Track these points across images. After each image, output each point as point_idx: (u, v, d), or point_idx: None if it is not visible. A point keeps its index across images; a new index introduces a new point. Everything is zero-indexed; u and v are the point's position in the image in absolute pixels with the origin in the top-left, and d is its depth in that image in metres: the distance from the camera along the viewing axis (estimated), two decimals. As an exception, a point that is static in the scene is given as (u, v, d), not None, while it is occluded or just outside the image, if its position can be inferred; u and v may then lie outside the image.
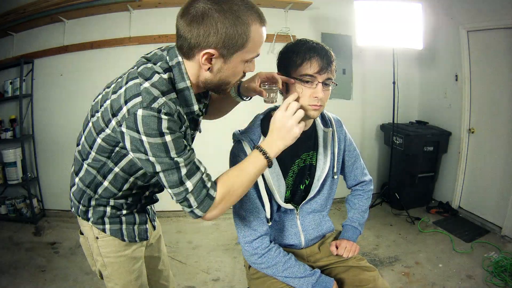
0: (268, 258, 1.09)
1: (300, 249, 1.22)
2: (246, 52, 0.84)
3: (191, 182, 0.84)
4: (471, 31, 2.98)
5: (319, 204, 1.20)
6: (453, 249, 2.53)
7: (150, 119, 0.77)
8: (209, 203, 0.86)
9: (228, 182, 0.89)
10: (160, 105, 0.78)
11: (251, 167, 0.90)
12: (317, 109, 1.03)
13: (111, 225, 1.02)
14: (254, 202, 1.09)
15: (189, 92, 0.88)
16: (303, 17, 3.26)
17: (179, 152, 0.82)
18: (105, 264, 1.06)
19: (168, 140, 0.80)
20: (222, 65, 0.85)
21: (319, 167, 1.16)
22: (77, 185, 1.01)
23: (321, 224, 1.23)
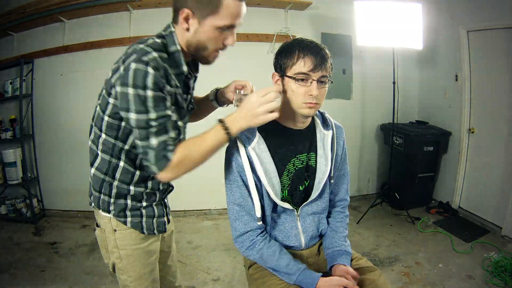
0: (254, 251, 1.11)
1: (300, 250, 1.22)
2: (219, 18, 0.90)
3: (156, 139, 0.90)
4: (471, 31, 2.98)
5: (321, 207, 1.20)
6: (453, 249, 2.53)
7: (139, 72, 0.85)
8: (165, 163, 0.91)
9: (186, 149, 0.93)
10: (149, 59, 0.86)
11: (211, 138, 0.95)
12: (313, 107, 1.03)
13: (132, 218, 1.06)
14: (246, 199, 1.09)
15: (179, 55, 0.96)
16: (303, 17, 3.26)
17: (157, 110, 0.88)
18: (121, 256, 1.08)
19: (149, 95, 0.86)
20: (197, 26, 0.93)
21: (320, 169, 1.15)
22: (95, 176, 1.05)
23: (321, 226, 1.23)
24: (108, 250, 1.11)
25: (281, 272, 1.10)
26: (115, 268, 1.11)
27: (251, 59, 3.10)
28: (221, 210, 3.29)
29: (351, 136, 3.51)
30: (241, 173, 1.08)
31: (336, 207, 1.28)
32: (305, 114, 1.06)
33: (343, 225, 1.27)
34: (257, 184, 1.10)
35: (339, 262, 1.15)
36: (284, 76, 1.05)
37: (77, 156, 3.19)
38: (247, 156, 1.06)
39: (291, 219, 1.17)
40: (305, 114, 1.06)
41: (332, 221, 1.27)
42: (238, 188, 1.09)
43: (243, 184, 1.09)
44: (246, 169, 1.07)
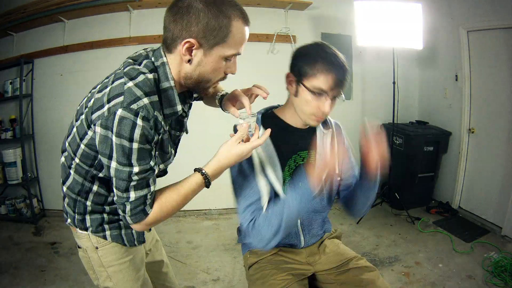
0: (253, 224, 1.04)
1: (300, 248, 1.22)
2: (227, 47, 0.84)
3: (135, 193, 0.85)
4: (471, 31, 2.98)
5: (321, 204, 1.20)
6: (453, 249, 2.53)
7: (126, 121, 0.78)
8: (142, 217, 0.88)
9: (163, 203, 0.90)
10: (139, 107, 0.78)
11: (188, 187, 0.91)
12: (319, 120, 1.07)
13: (111, 230, 1.01)
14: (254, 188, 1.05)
15: (173, 92, 0.88)
16: (303, 17, 3.26)
17: (140, 163, 0.82)
18: (109, 275, 1.03)
19: (134, 148, 0.80)
20: (202, 57, 0.85)
21: None
22: (68, 195, 0.99)
23: (321, 225, 1.23)
24: (95, 271, 1.05)
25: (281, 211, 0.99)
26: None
27: (251, 59, 3.09)
28: (221, 210, 3.29)
29: (351, 136, 3.48)
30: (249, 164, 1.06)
31: None
32: (311, 125, 1.09)
33: None
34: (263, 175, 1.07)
35: None
36: (301, 83, 1.02)
37: (77, 156, 3.20)
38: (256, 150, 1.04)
39: None
40: (310, 125, 1.09)
41: (345, 194, 1.23)
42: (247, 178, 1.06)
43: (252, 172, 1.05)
44: (254, 160, 1.05)
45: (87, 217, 0.99)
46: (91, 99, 0.87)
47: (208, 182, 0.93)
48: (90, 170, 0.92)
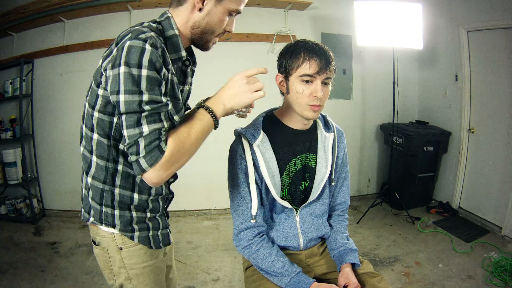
0: (250, 250, 1.12)
1: (299, 251, 1.22)
2: (233, 2, 0.90)
3: (148, 127, 0.78)
4: (471, 31, 2.98)
5: (320, 209, 1.20)
6: (453, 249, 2.53)
7: (135, 48, 0.76)
8: (158, 155, 0.78)
9: (178, 139, 0.82)
10: (147, 36, 0.78)
11: (198, 125, 0.85)
12: (317, 110, 1.05)
13: (140, 232, 0.96)
14: (245, 197, 1.11)
15: (177, 39, 0.90)
16: (303, 17, 3.26)
17: (150, 92, 0.78)
18: (130, 277, 0.98)
19: (144, 75, 0.77)
20: (213, 7, 0.90)
21: (320, 171, 1.16)
22: (93, 186, 0.92)
23: (320, 229, 1.22)
24: (113, 271, 0.99)
25: (274, 274, 1.09)
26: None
27: (251, 59, 3.10)
28: (221, 210, 3.29)
29: (351, 136, 3.51)
30: (243, 171, 1.10)
31: (336, 210, 1.28)
32: (309, 117, 1.07)
33: (343, 226, 1.27)
34: (258, 182, 1.11)
35: (347, 261, 1.14)
36: (289, 78, 1.06)
37: (77, 156, 3.18)
38: (251, 153, 1.08)
39: (290, 219, 1.17)
40: (308, 117, 1.07)
41: (333, 223, 1.27)
42: (239, 185, 1.11)
43: (244, 181, 1.10)
44: (249, 167, 1.08)
45: (116, 212, 0.93)
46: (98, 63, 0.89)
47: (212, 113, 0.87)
48: (110, 143, 0.88)
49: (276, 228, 1.18)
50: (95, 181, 0.92)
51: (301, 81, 1.03)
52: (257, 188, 1.11)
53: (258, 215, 1.12)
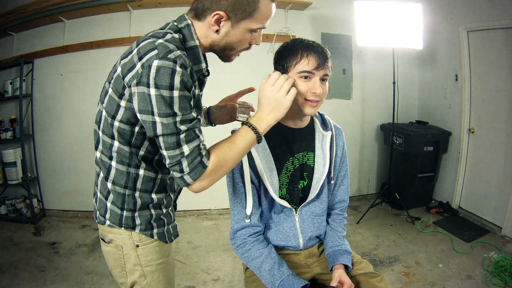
0: (242, 250, 1.13)
1: (298, 250, 1.22)
2: (253, 21, 0.88)
3: (188, 146, 0.82)
4: (471, 31, 2.98)
5: (320, 208, 1.20)
6: (453, 249, 2.53)
7: (165, 70, 0.77)
8: (201, 171, 0.84)
9: (220, 153, 0.87)
10: (176, 56, 0.79)
11: (241, 140, 0.90)
12: (315, 106, 1.05)
13: (158, 228, 0.99)
14: (241, 197, 1.12)
15: (198, 50, 0.91)
16: (303, 17, 3.26)
17: (183, 112, 0.81)
18: (145, 274, 0.99)
19: (176, 96, 0.78)
20: (230, 29, 0.89)
21: (318, 170, 1.16)
22: (114, 191, 0.94)
23: (320, 228, 1.22)
24: (125, 269, 0.99)
25: (263, 277, 1.09)
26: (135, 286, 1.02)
27: (251, 59, 3.09)
28: (221, 210, 3.29)
29: (351, 136, 3.51)
30: (239, 170, 1.10)
31: (335, 209, 1.28)
32: (307, 113, 1.07)
33: (341, 225, 1.27)
34: (255, 182, 1.11)
35: (341, 262, 1.14)
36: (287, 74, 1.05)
37: (77, 156, 3.19)
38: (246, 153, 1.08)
39: (290, 219, 1.17)
40: (307, 113, 1.07)
41: (331, 222, 1.27)
42: (235, 185, 1.12)
43: (239, 181, 1.11)
44: (244, 167, 1.09)
45: (137, 214, 0.95)
46: (116, 70, 0.87)
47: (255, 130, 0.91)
48: (131, 150, 0.90)
49: (276, 228, 1.18)
50: (115, 186, 0.93)
51: (300, 78, 1.03)
52: (254, 188, 1.11)
53: (254, 215, 1.12)
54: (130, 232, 0.96)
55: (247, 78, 2.98)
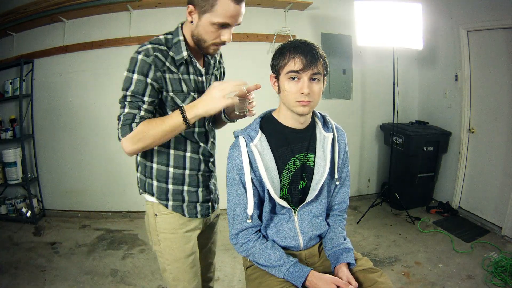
0: (247, 246, 1.14)
1: (299, 251, 1.22)
2: (214, 16, 1.02)
3: (128, 109, 1.05)
4: (471, 31, 2.98)
5: (318, 209, 1.20)
6: (453, 249, 2.53)
7: (132, 60, 1.05)
8: (126, 131, 1.04)
9: (146, 126, 1.04)
10: (142, 49, 1.04)
11: (169, 121, 1.05)
12: (306, 105, 1.06)
13: (174, 201, 1.18)
14: (242, 198, 1.12)
15: (180, 44, 1.10)
16: (303, 17, 3.26)
17: (134, 89, 1.04)
18: (160, 239, 1.19)
19: (134, 78, 1.03)
20: (198, 21, 1.05)
21: (318, 171, 1.16)
22: (141, 163, 1.19)
23: (320, 228, 1.22)
24: (150, 233, 1.22)
25: (271, 266, 1.11)
26: (155, 252, 1.22)
27: (251, 59, 3.10)
28: (221, 210, 3.27)
29: (351, 136, 3.51)
30: (239, 171, 1.11)
31: (334, 210, 1.28)
32: (299, 113, 1.08)
33: (341, 225, 1.27)
34: (255, 182, 1.11)
35: (342, 261, 1.14)
36: (279, 77, 1.09)
37: (77, 156, 3.20)
38: (247, 153, 1.09)
39: (289, 219, 1.18)
40: (299, 113, 1.08)
41: (330, 222, 1.27)
42: (236, 186, 1.12)
43: (240, 182, 1.11)
44: (245, 167, 1.09)
45: (154, 183, 1.17)
46: None
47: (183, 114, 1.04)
48: None
49: (276, 229, 1.18)
50: (140, 158, 1.20)
51: (288, 78, 1.05)
52: (255, 188, 1.12)
53: (254, 215, 1.13)
54: (152, 202, 1.18)
55: (247, 79, 2.99)
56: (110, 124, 3.05)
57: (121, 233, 2.89)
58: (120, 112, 1.06)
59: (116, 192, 3.21)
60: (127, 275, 2.23)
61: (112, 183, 3.20)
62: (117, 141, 1.08)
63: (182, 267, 1.20)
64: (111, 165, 3.15)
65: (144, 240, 2.75)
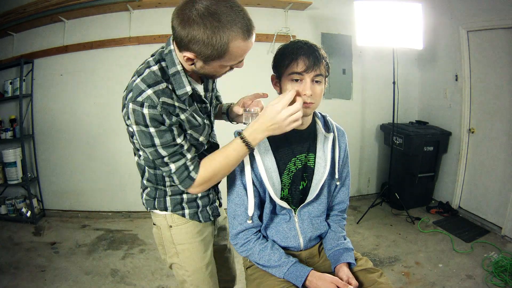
0: (247, 247, 1.14)
1: (299, 251, 1.22)
2: (225, 61, 0.90)
3: (174, 165, 0.98)
4: (471, 31, 2.98)
5: (318, 209, 1.20)
6: (453, 249, 2.53)
7: (137, 112, 0.91)
8: (189, 183, 1.00)
9: (210, 167, 1.00)
10: (143, 99, 0.90)
11: (234, 154, 1.00)
12: (308, 107, 1.06)
13: (190, 209, 1.14)
14: (243, 199, 1.12)
15: (179, 75, 0.96)
16: (303, 17, 3.26)
17: (163, 142, 0.94)
18: (178, 252, 1.15)
19: (152, 131, 0.93)
20: (203, 65, 0.92)
21: (318, 171, 1.16)
22: (149, 187, 1.15)
23: (320, 228, 1.23)
24: (164, 247, 1.17)
25: (271, 266, 1.11)
26: (172, 265, 1.18)
27: (251, 59, 3.08)
28: (221, 210, 3.28)
29: (351, 136, 3.51)
30: (240, 172, 1.11)
31: (334, 210, 1.28)
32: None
33: (341, 225, 1.27)
34: (256, 183, 1.11)
35: (343, 260, 1.14)
36: (281, 78, 1.08)
37: (77, 156, 3.20)
38: (248, 154, 1.08)
39: (289, 220, 1.18)
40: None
41: (330, 223, 1.27)
42: (237, 187, 1.12)
43: (241, 183, 1.12)
44: (246, 168, 1.09)
45: (168, 198, 1.13)
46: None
47: (247, 143, 0.98)
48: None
49: (276, 229, 1.18)
50: (149, 183, 1.14)
51: (291, 80, 1.05)
52: (256, 189, 1.12)
53: (255, 216, 1.14)
54: (165, 214, 1.13)
55: (247, 79, 2.99)
56: (110, 124, 3.07)
57: (121, 233, 2.89)
58: (165, 170, 0.99)
59: (116, 192, 3.21)
60: (127, 275, 2.23)
61: (112, 183, 3.20)
62: (117, 141, 1.08)
63: (203, 277, 1.18)
64: (111, 165, 3.15)
65: (144, 240, 2.75)
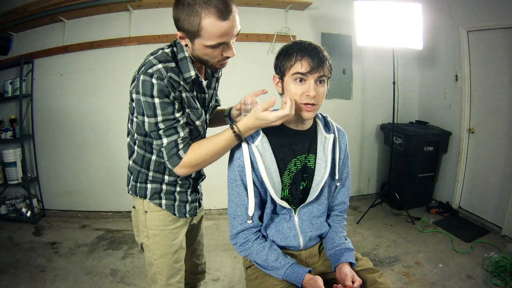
0: (246, 246, 1.14)
1: (299, 251, 1.22)
2: (205, 40, 0.97)
3: (166, 139, 1.03)
4: (471, 31, 2.98)
5: (318, 210, 1.20)
6: (453, 249, 2.53)
7: (145, 83, 0.98)
8: (177, 161, 1.05)
9: (198, 151, 1.06)
10: (153, 71, 0.98)
11: (223, 143, 1.06)
12: (311, 110, 1.06)
13: (167, 200, 1.20)
14: (243, 198, 1.12)
15: (186, 61, 1.05)
16: (303, 17, 3.26)
17: (164, 114, 1.01)
18: (149, 235, 1.22)
19: (156, 102, 0.99)
20: (191, 45, 1.01)
21: (319, 172, 1.16)
22: (133, 168, 1.19)
23: (320, 228, 1.23)
24: (138, 229, 1.25)
25: (269, 267, 1.11)
26: (142, 245, 1.25)
27: (251, 59, 3.10)
28: (221, 210, 3.29)
29: (351, 136, 3.51)
30: (240, 172, 1.11)
31: (334, 211, 1.28)
32: (304, 118, 1.08)
33: (341, 225, 1.27)
34: (257, 183, 1.11)
35: (344, 260, 1.14)
36: (284, 78, 1.08)
37: (77, 156, 3.20)
38: (249, 154, 1.09)
39: (289, 219, 1.18)
40: (303, 117, 1.08)
41: (331, 223, 1.27)
42: (237, 187, 1.12)
43: (241, 183, 1.11)
44: (246, 168, 1.09)
45: (149, 186, 1.18)
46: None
47: (239, 136, 1.05)
48: (145, 140, 1.12)
49: (276, 229, 1.18)
50: (134, 164, 1.19)
51: (294, 80, 1.04)
52: (256, 189, 1.12)
53: (255, 216, 1.14)
54: (143, 200, 1.19)
55: (247, 79, 2.99)
56: (110, 124, 3.07)
57: (121, 233, 2.89)
58: (157, 144, 1.04)
59: (116, 192, 3.21)
60: (127, 275, 2.23)
61: (112, 183, 3.19)
62: (117, 141, 1.09)
63: (168, 262, 1.23)
64: (111, 165, 3.15)
65: (144, 240, 2.75)
